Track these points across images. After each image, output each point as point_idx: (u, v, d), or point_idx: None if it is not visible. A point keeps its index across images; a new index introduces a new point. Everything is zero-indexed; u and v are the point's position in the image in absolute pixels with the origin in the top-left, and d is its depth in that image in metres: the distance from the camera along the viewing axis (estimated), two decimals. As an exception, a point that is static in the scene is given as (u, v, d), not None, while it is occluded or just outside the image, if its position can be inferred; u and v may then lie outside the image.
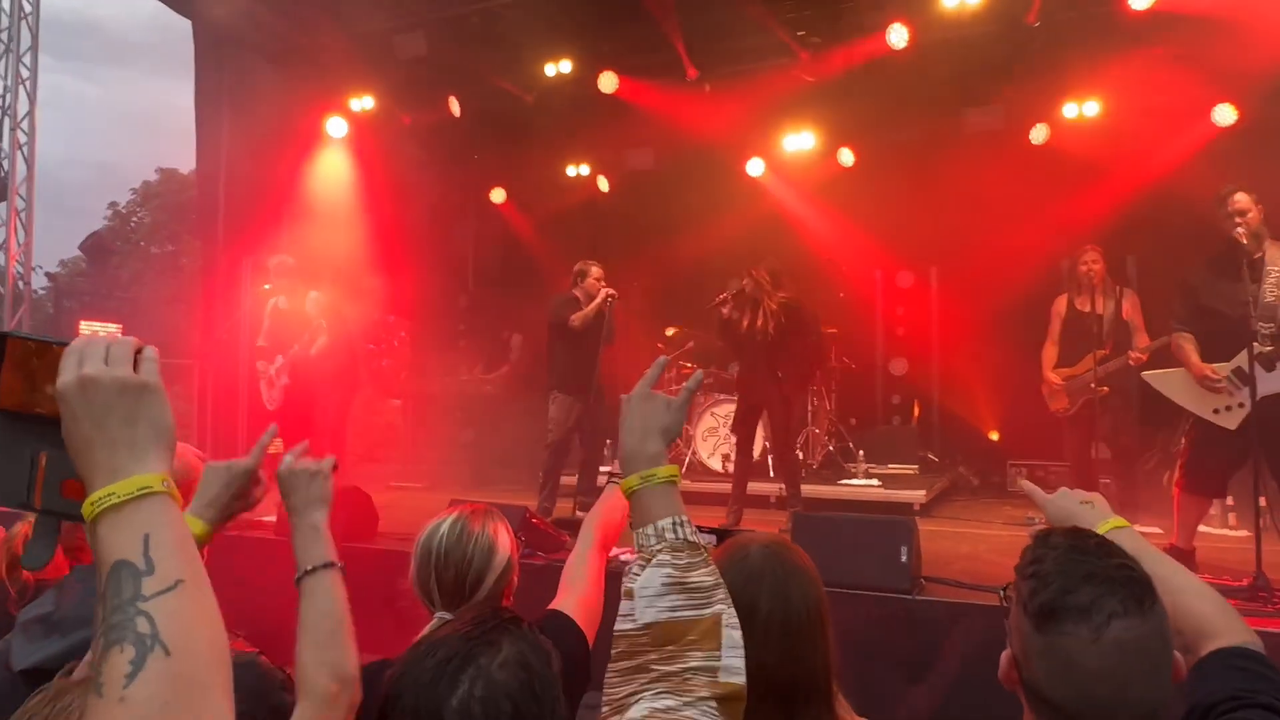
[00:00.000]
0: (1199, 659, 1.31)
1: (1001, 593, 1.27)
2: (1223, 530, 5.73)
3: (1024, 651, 1.16)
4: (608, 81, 7.77)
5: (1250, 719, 1.17)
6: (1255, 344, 4.02)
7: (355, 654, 1.47)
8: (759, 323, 5.83)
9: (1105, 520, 1.51)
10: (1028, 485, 1.71)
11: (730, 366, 7.46)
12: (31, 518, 2.03)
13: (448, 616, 1.72)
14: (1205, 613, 1.35)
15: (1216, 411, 4.24)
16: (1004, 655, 1.22)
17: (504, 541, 1.86)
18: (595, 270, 6.18)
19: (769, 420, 6.36)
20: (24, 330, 1.00)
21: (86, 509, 0.83)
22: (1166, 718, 1.12)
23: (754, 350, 5.94)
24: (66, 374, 0.88)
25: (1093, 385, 5.51)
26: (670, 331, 8.67)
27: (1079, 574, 1.13)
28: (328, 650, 1.43)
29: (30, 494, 0.95)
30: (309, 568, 1.50)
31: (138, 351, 0.92)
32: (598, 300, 6.03)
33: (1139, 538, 1.48)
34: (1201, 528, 5.65)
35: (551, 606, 1.76)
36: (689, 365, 8.34)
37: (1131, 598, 1.10)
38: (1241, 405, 4.13)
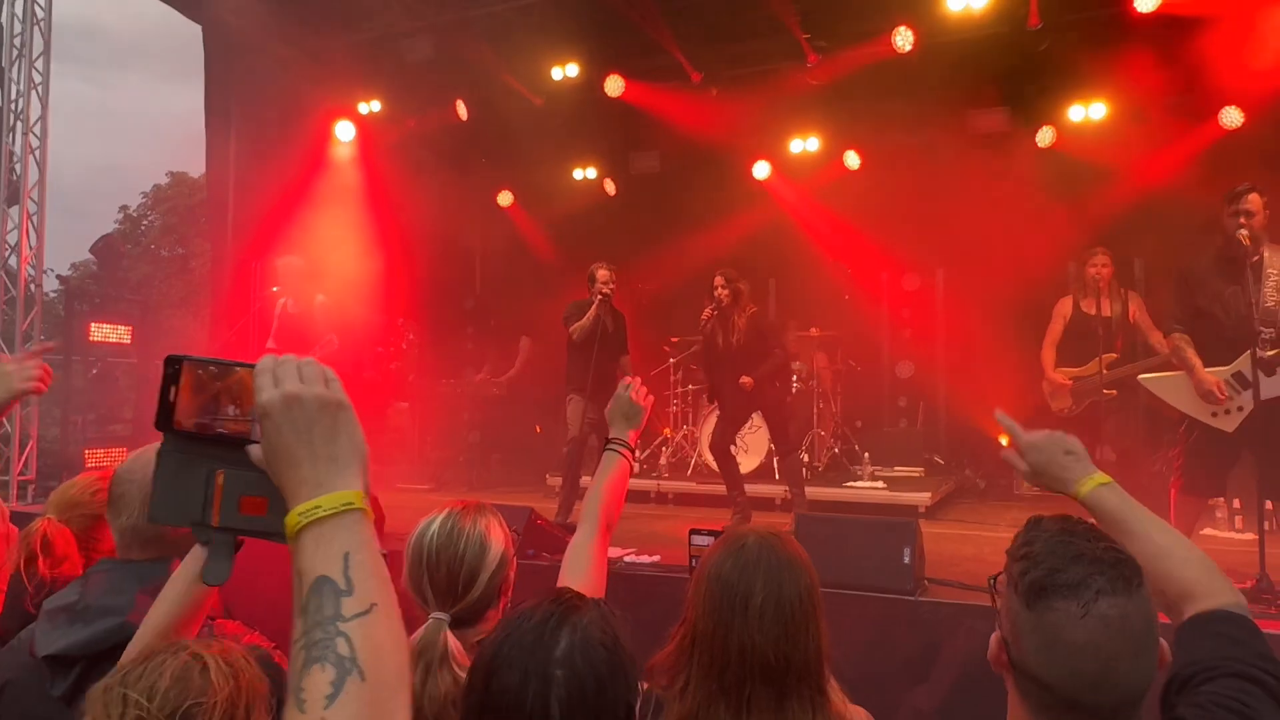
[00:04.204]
0: (1180, 624, 1.33)
1: (991, 581, 1.30)
2: (1229, 533, 5.73)
3: (1013, 630, 1.19)
4: (614, 85, 7.80)
5: (1226, 689, 1.18)
6: (1255, 348, 4.01)
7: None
8: (732, 338, 5.95)
9: (1089, 475, 1.50)
10: (1004, 418, 1.69)
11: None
12: (49, 516, 2.07)
13: (443, 617, 1.70)
14: (1188, 575, 1.36)
15: (1215, 415, 4.22)
16: (993, 637, 1.25)
17: (497, 537, 1.82)
18: (600, 274, 6.19)
19: (767, 426, 6.38)
20: (194, 356, 1.01)
21: (293, 519, 0.85)
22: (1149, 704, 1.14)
23: (725, 362, 6.03)
24: (266, 391, 0.90)
25: (1103, 389, 5.50)
26: (675, 340, 8.69)
27: (1068, 554, 1.17)
28: None
29: (207, 512, 0.97)
30: None
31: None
32: (593, 306, 6.06)
33: (1124, 494, 1.48)
34: (1207, 530, 5.67)
35: None
36: (695, 367, 8.38)
37: (1119, 578, 1.14)
38: (1240, 409, 4.13)
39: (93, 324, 8.54)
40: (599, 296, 6.04)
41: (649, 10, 7.05)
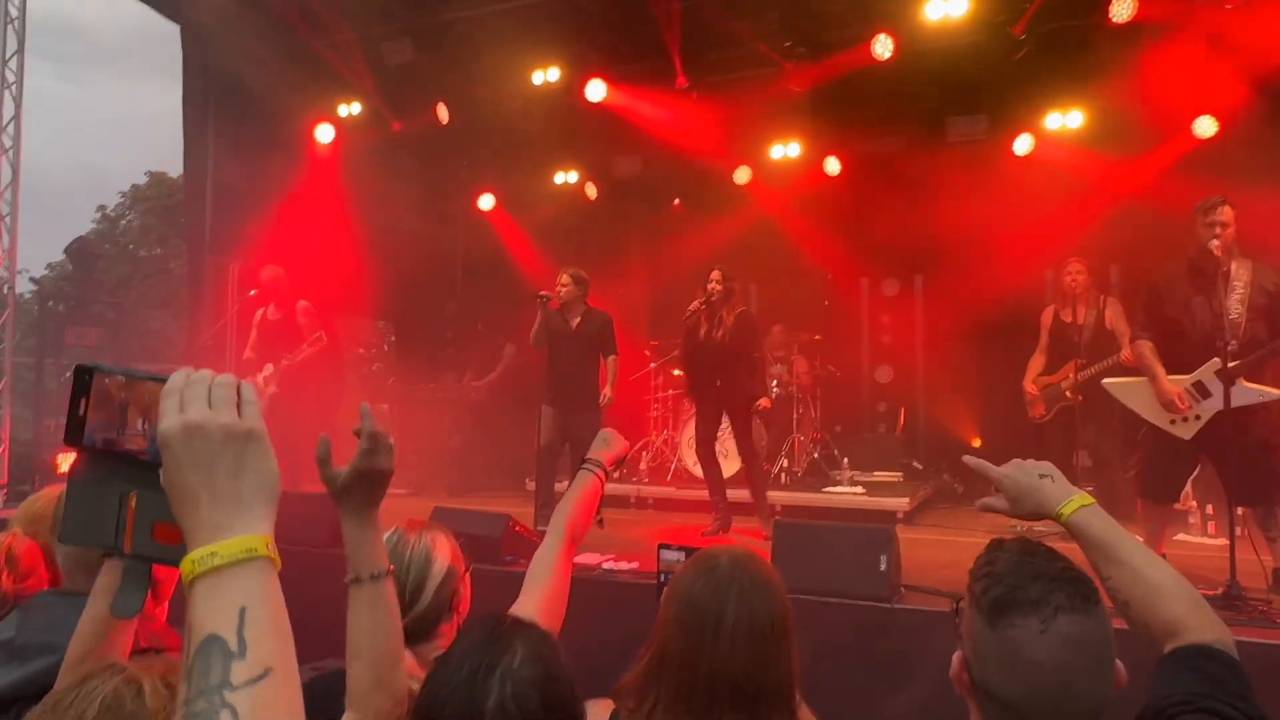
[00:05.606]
0: (1161, 656, 1.31)
1: (955, 604, 1.30)
2: (1201, 538, 5.79)
3: (975, 649, 1.20)
4: (595, 89, 7.80)
5: None
6: (1221, 359, 4.06)
7: (405, 671, 1.49)
8: (716, 333, 5.89)
9: (1069, 498, 1.47)
10: (974, 461, 1.61)
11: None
12: (15, 529, 2.02)
13: None
14: (1176, 612, 1.33)
15: (1173, 422, 4.26)
16: (955, 657, 1.26)
17: (443, 550, 1.88)
18: (561, 277, 6.17)
19: (733, 430, 6.34)
20: (106, 364, 0.93)
21: (186, 567, 0.77)
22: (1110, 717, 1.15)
23: (704, 355, 5.98)
24: (169, 418, 0.81)
25: (1068, 394, 5.56)
26: (655, 343, 8.69)
27: (1029, 573, 1.19)
28: (384, 670, 1.44)
29: (119, 537, 0.89)
30: (360, 576, 1.47)
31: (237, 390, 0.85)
32: (538, 311, 6.02)
33: (1107, 516, 1.46)
34: (1181, 536, 5.74)
35: (510, 611, 1.75)
36: (679, 373, 8.39)
37: (1078, 595, 1.16)
38: (1198, 417, 4.19)
39: (67, 327, 8.46)
40: (539, 299, 6.00)
41: (630, 15, 7.06)
